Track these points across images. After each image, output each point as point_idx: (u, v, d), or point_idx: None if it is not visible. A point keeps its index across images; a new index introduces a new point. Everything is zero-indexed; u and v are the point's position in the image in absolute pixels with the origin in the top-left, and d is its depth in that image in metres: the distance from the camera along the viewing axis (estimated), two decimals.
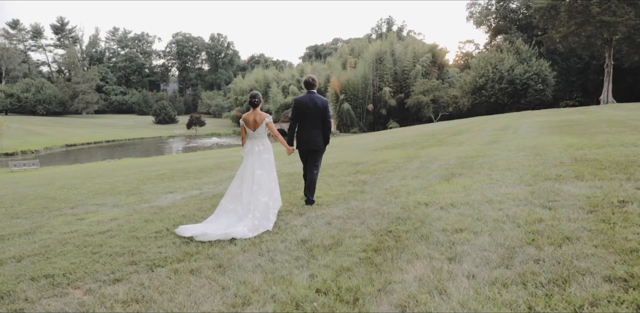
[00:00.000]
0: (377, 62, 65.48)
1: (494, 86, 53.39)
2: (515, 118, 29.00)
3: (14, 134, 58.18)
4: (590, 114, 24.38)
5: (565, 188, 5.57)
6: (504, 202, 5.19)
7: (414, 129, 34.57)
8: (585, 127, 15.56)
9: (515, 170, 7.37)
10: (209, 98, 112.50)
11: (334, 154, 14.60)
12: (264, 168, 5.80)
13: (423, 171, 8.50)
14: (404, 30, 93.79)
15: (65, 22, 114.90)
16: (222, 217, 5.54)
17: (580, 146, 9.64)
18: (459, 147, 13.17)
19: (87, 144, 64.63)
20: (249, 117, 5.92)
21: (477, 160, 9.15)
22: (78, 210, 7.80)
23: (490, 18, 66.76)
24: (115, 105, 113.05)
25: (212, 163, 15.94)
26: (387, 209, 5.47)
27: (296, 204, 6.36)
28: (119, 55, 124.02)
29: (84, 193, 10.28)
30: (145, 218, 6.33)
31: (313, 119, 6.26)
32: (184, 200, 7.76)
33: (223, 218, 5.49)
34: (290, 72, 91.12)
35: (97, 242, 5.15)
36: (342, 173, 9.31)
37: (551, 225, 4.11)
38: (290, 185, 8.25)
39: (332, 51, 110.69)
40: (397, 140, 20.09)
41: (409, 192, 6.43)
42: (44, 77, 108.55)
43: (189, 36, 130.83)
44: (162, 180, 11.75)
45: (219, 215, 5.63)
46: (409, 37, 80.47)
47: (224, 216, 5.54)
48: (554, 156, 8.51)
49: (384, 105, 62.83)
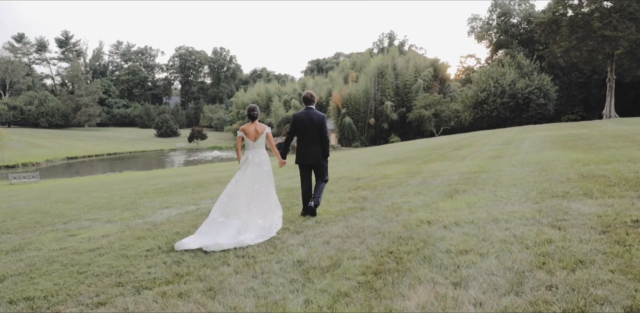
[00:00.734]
0: (379, 76, 65.67)
1: (496, 100, 53.36)
2: (518, 132, 28.82)
3: (15, 147, 58.21)
4: (593, 129, 24.18)
5: (574, 206, 5.34)
6: (510, 220, 4.95)
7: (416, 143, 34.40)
8: (589, 141, 15.35)
9: (521, 187, 7.14)
10: (211, 111, 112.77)
11: (335, 169, 14.38)
12: (262, 182, 5.78)
13: (425, 187, 8.27)
14: (406, 44, 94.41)
15: (69, 36, 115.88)
16: (214, 227, 5.40)
17: (586, 161, 9.41)
18: (462, 162, 12.96)
19: (88, 157, 64.60)
20: (249, 128, 5.94)
21: (481, 176, 8.93)
22: (71, 225, 7.61)
23: (492, 33, 67.06)
24: (117, 118, 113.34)
25: (211, 178, 15.76)
26: (388, 228, 5.23)
27: (294, 221, 6.14)
28: (122, 69, 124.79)
29: (79, 207, 10.10)
30: (137, 235, 6.11)
31: (311, 134, 6.37)
32: (179, 216, 7.55)
33: (217, 229, 5.36)
34: (292, 86, 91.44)
35: (85, 260, 4.94)
36: (342, 189, 9.08)
37: (562, 246, 3.87)
38: (289, 201, 8.03)
39: (333, 65, 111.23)
40: (399, 155, 19.88)
41: (410, 210, 6.20)
42: (47, 89, 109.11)
43: (192, 50, 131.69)
44: (159, 194, 11.57)
45: (210, 225, 5.47)
46: (411, 52, 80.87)
47: (218, 227, 5.38)
48: (559, 172, 8.29)
49: (386, 119, 62.81)
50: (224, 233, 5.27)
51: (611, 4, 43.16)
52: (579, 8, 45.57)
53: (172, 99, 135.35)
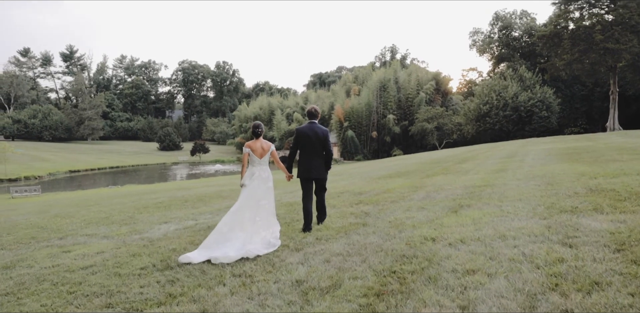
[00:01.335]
0: (381, 89, 65.77)
1: (498, 113, 53.26)
2: (521, 145, 28.62)
3: (18, 160, 58.26)
4: (597, 141, 23.97)
5: (584, 222, 5.13)
6: (518, 237, 4.75)
7: (419, 156, 34.18)
8: (594, 154, 15.14)
9: (527, 201, 6.94)
10: (213, 125, 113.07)
11: (337, 183, 14.19)
12: (267, 198, 5.91)
13: (429, 202, 8.07)
14: (408, 58, 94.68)
15: (74, 50, 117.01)
16: (220, 240, 5.43)
17: (593, 175, 9.21)
18: (465, 175, 12.76)
19: (90, 170, 64.53)
20: (255, 145, 6.05)
21: (486, 190, 8.73)
22: (66, 241, 7.45)
23: (493, 46, 67.26)
24: (120, 131, 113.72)
25: (212, 192, 15.58)
26: (390, 245, 5.04)
27: (293, 238, 5.95)
28: (125, 82, 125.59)
29: (76, 222, 9.94)
30: (133, 252, 5.94)
31: (314, 148, 6.48)
32: (177, 232, 7.37)
33: (223, 242, 5.40)
34: (295, 99, 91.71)
35: (77, 279, 4.76)
36: (344, 203, 8.89)
37: (575, 266, 3.67)
38: (289, 216, 7.84)
39: (336, 79, 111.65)
40: (401, 168, 19.69)
41: (414, 226, 6.00)
42: (51, 103, 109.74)
43: (195, 64, 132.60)
44: (159, 208, 11.40)
45: (216, 238, 5.49)
46: (413, 65, 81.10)
47: (223, 241, 5.43)
48: (566, 186, 8.09)
49: (388, 132, 62.72)
50: (229, 245, 5.33)
51: (612, 17, 43.28)
52: (581, 21, 45.71)
53: (175, 113, 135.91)
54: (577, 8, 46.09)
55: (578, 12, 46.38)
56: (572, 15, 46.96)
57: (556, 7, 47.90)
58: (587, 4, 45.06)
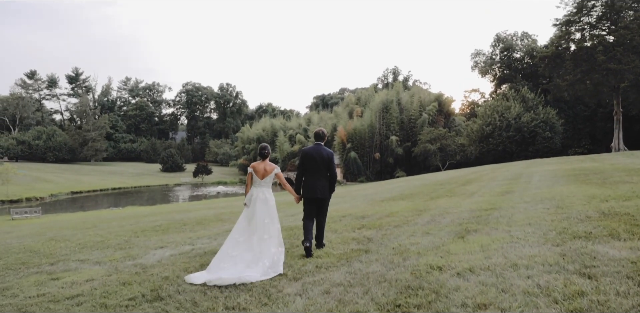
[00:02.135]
0: (384, 111, 65.96)
1: (502, 134, 53.13)
2: (526, 166, 28.31)
3: (21, 181, 58.15)
4: (603, 162, 23.66)
5: (601, 249, 4.82)
6: (531, 266, 4.44)
7: (422, 178, 33.85)
8: (602, 175, 14.82)
9: (537, 226, 6.63)
10: (216, 146, 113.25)
11: (339, 206, 13.87)
12: (270, 217, 5.92)
13: (434, 226, 7.76)
14: (410, 79, 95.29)
15: (79, 73, 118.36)
16: (225, 263, 5.52)
17: (604, 197, 8.89)
18: (471, 198, 12.46)
19: (92, 192, 64.36)
20: (258, 166, 6.17)
21: (493, 214, 8.42)
22: (57, 267, 7.17)
23: (495, 67, 67.67)
24: (123, 152, 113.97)
25: (212, 215, 15.29)
26: (394, 275, 4.72)
27: (292, 266, 5.64)
28: (129, 104, 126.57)
29: (71, 246, 9.67)
30: (124, 279, 5.64)
31: (319, 169, 6.54)
32: (172, 258, 7.07)
33: (228, 265, 5.48)
34: (298, 121, 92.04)
35: (61, 310, 4.48)
36: (346, 228, 8.57)
37: (597, 301, 3.34)
38: (289, 241, 7.54)
39: (338, 100, 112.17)
40: (405, 190, 19.37)
41: (419, 253, 5.69)
42: (56, 124, 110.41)
43: (199, 86, 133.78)
44: (157, 232, 11.13)
45: (221, 260, 5.60)
46: (415, 87, 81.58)
47: (228, 262, 5.52)
48: (577, 209, 7.78)
49: (391, 153, 62.57)
50: (230, 267, 5.39)
51: (614, 38, 43.50)
52: (582, 42, 45.98)
53: (179, 134, 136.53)
54: (578, 29, 46.43)
55: (579, 33, 46.71)
56: (574, 36, 47.28)
57: (557, 28, 48.27)
58: (588, 26, 45.39)
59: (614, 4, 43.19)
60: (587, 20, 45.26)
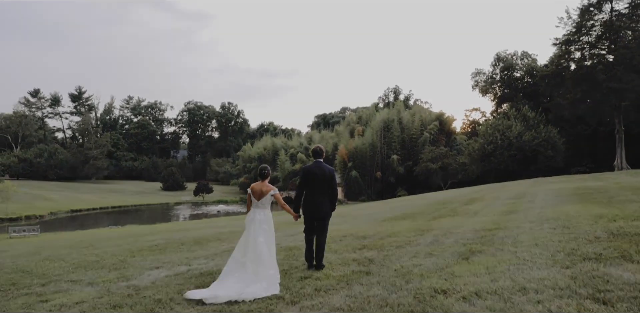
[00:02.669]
0: (385, 130, 66.05)
1: (503, 153, 52.97)
2: (528, 185, 28.05)
3: (21, 199, 57.89)
4: (607, 181, 23.40)
5: (613, 272, 4.60)
6: (541, 291, 4.21)
7: (424, 197, 33.55)
8: (607, 195, 14.59)
9: (544, 247, 6.41)
10: (217, 165, 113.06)
11: (340, 226, 13.61)
12: (265, 236, 5.94)
13: (437, 247, 7.53)
14: (411, 98, 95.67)
15: (82, 91, 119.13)
16: (227, 281, 5.58)
17: (612, 217, 8.67)
18: (474, 217, 12.22)
19: (92, 210, 64.05)
20: (256, 187, 6.24)
21: (497, 234, 8.20)
22: (48, 288, 6.96)
23: (496, 86, 67.90)
24: (125, 171, 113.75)
25: (211, 234, 15.03)
26: (397, 299, 4.49)
27: (290, 288, 5.41)
28: (131, 123, 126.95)
29: (65, 266, 9.46)
30: (115, 302, 5.44)
31: (320, 187, 6.51)
32: (167, 279, 6.85)
33: (229, 282, 5.54)
34: (299, 140, 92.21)
35: None
36: (347, 248, 8.33)
37: None
38: (287, 262, 7.30)
39: (339, 119, 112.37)
40: (407, 210, 19.10)
41: (422, 275, 5.46)
42: (58, 142, 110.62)
43: (201, 104, 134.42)
44: (153, 252, 10.89)
45: (223, 279, 5.69)
46: (416, 106, 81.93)
47: (230, 280, 5.59)
48: (585, 229, 7.56)
49: (393, 172, 62.37)
50: (229, 286, 5.43)
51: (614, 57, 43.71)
52: (582, 61, 46.21)
53: (180, 153, 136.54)
54: (578, 48, 46.70)
55: (579, 52, 46.97)
56: (574, 55, 47.55)
57: (557, 47, 48.59)
58: (588, 45, 45.67)
59: (613, 23, 43.54)
60: (586, 40, 45.57)
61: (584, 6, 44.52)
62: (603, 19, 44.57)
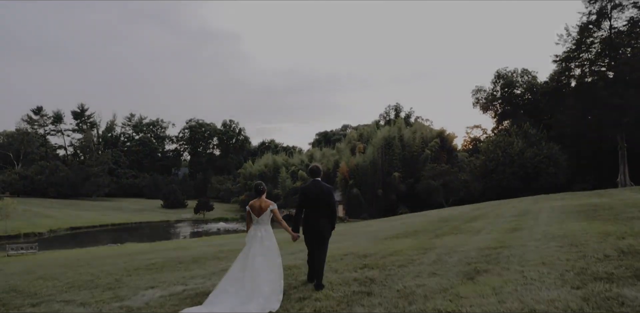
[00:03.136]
0: (386, 147, 66.09)
1: (505, 170, 52.80)
2: (531, 202, 27.76)
3: (21, 216, 57.58)
4: (611, 197, 23.12)
5: (627, 293, 4.38)
6: None
7: (426, 214, 33.21)
8: (613, 211, 14.34)
9: (552, 266, 6.19)
10: (218, 182, 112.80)
11: (340, 244, 13.36)
12: (265, 255, 5.87)
13: (441, 266, 7.30)
14: (412, 116, 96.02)
15: (85, 108, 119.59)
16: (221, 297, 5.56)
17: (620, 235, 8.44)
18: (477, 235, 11.98)
19: (92, 227, 63.69)
20: (255, 203, 6.21)
21: (503, 253, 7.97)
22: (39, 308, 6.81)
23: (496, 103, 68.11)
24: (125, 188, 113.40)
25: (210, 252, 14.78)
26: None
27: (288, 310, 5.21)
28: (133, 140, 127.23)
29: (58, 285, 9.26)
30: None
31: (319, 205, 6.45)
32: (161, 300, 6.64)
33: (224, 299, 5.52)
34: (300, 157, 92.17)
35: None
36: (347, 267, 8.09)
37: None
38: (286, 282, 7.02)
39: (341, 137, 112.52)
40: (409, 227, 18.83)
41: (426, 296, 5.23)
42: (59, 160, 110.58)
43: (202, 122, 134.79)
44: (150, 270, 10.67)
45: (217, 295, 5.64)
46: (417, 123, 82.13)
47: (224, 297, 5.55)
48: (593, 247, 7.33)
49: (394, 190, 62.11)
50: (225, 302, 5.41)
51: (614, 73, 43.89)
52: (583, 78, 46.40)
53: (181, 170, 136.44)
54: (578, 65, 46.95)
55: (579, 69, 47.20)
56: (574, 72, 47.78)
57: (557, 64, 48.85)
58: (588, 62, 45.91)
59: (612, 41, 43.83)
60: (586, 57, 45.85)
61: (583, 24, 44.94)
62: (602, 36, 44.92)
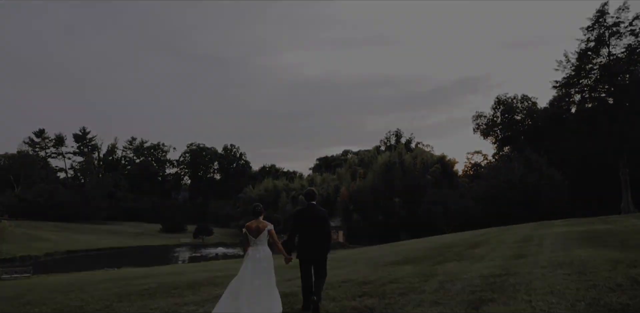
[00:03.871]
0: (387, 172, 65.94)
1: (506, 196, 52.45)
2: (534, 228, 27.31)
3: (17, 239, 57.03)
4: (616, 224, 22.75)
5: None
6: None
7: (427, 240, 32.69)
8: (619, 238, 14.00)
9: (561, 296, 5.88)
10: (218, 207, 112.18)
11: (339, 270, 12.98)
12: (262, 278, 5.87)
13: (443, 295, 6.97)
14: (413, 141, 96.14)
15: (87, 132, 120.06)
16: None
17: (630, 263, 8.12)
18: (481, 262, 11.63)
19: (89, 251, 62.97)
20: (252, 224, 6.23)
21: (508, 280, 7.65)
22: None
23: (497, 129, 68.29)
24: (125, 211, 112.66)
25: (206, 278, 14.39)
26: None
27: None
28: (134, 163, 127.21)
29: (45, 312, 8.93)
30: None
31: (314, 229, 6.50)
32: None
33: None
34: (300, 182, 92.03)
35: None
36: (345, 295, 7.75)
37: None
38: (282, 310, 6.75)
39: (341, 162, 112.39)
40: (410, 254, 18.42)
41: None
42: (60, 182, 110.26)
43: (203, 146, 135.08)
44: (142, 297, 10.32)
45: None
46: (418, 149, 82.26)
47: None
48: (603, 276, 7.03)
49: (395, 215, 61.62)
50: None
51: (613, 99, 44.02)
52: (583, 104, 46.54)
53: (181, 194, 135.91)
54: (578, 91, 47.13)
55: (579, 95, 47.38)
56: (574, 98, 47.95)
57: (557, 90, 49.08)
58: (588, 88, 46.11)
59: (611, 67, 44.13)
60: (586, 83, 46.10)
61: (582, 50, 45.34)
62: (601, 62, 45.23)
